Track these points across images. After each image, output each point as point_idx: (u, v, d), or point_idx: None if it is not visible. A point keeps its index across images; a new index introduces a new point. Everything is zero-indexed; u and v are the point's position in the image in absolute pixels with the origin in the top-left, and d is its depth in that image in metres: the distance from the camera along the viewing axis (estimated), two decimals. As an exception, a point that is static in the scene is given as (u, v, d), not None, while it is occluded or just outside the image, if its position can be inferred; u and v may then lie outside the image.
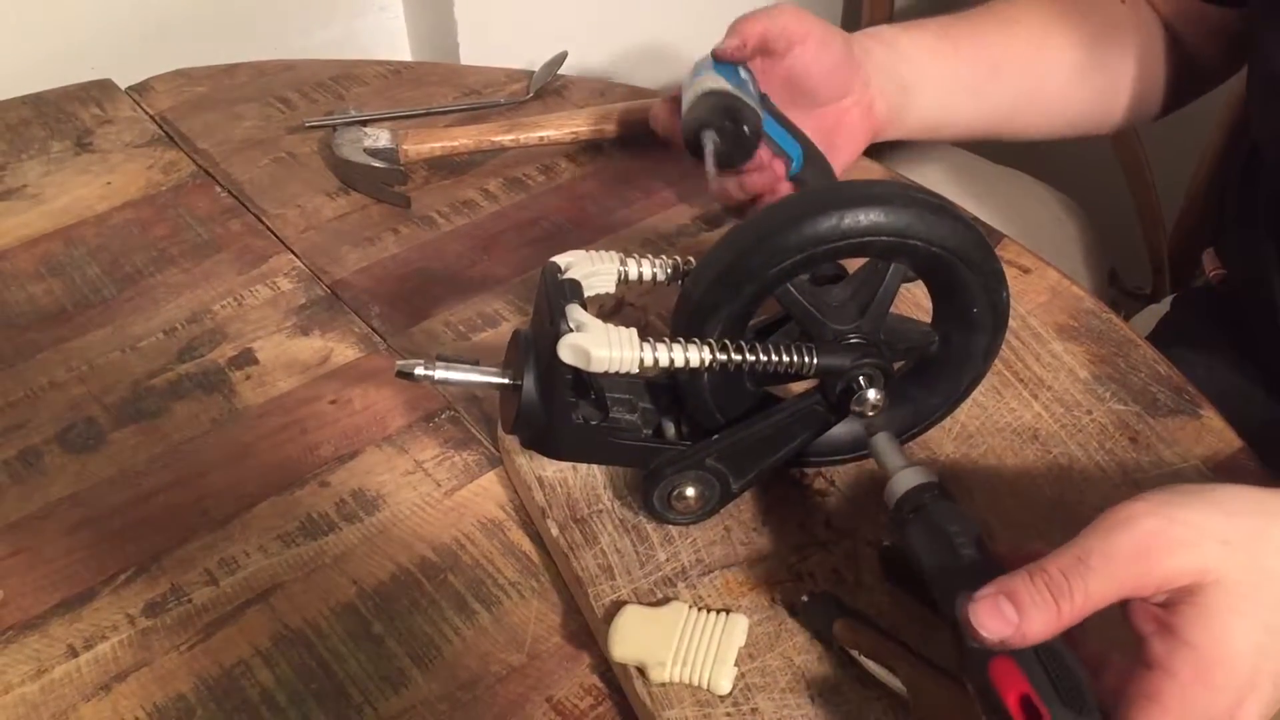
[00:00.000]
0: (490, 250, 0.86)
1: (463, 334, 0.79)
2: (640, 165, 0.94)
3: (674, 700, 0.56)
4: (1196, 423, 0.70)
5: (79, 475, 0.69)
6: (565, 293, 0.60)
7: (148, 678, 0.59)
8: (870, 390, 0.59)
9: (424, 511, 0.67)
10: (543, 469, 0.66)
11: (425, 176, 0.93)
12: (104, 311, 0.81)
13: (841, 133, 0.79)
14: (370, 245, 0.86)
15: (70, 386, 0.75)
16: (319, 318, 0.80)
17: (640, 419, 0.63)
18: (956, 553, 0.51)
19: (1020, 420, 0.70)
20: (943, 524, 0.53)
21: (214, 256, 0.85)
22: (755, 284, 0.57)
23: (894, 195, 0.57)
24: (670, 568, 0.62)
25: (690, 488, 0.61)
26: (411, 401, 0.73)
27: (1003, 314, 0.62)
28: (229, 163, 0.95)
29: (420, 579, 0.63)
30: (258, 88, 1.04)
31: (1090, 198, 1.42)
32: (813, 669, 0.57)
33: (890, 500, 0.55)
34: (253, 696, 0.58)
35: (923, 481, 0.55)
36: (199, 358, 0.77)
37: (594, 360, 0.56)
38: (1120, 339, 0.76)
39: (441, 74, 1.06)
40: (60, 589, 0.63)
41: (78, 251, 0.86)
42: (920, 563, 0.53)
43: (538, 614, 0.62)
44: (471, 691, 0.58)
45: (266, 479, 0.69)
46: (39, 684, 0.59)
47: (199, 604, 0.62)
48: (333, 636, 0.61)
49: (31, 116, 1.00)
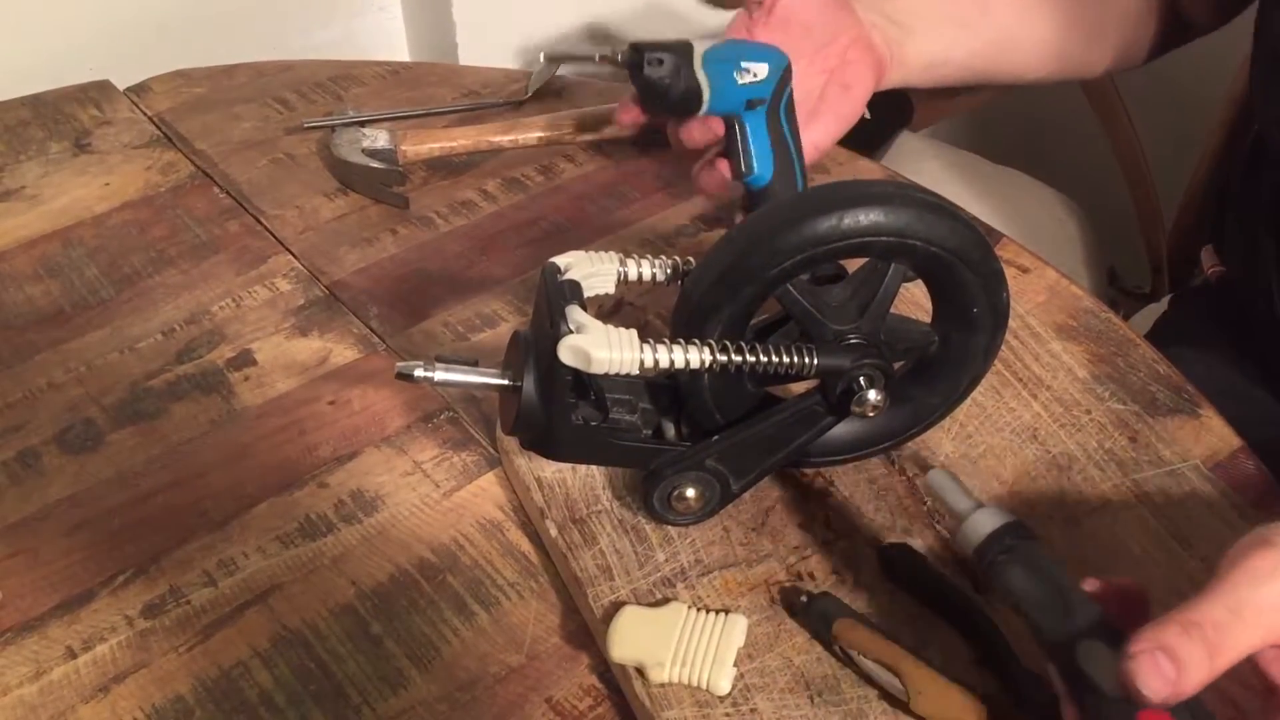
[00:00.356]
0: (489, 251, 0.86)
1: (461, 334, 0.79)
2: (639, 166, 0.94)
3: (673, 701, 0.56)
4: (1196, 422, 0.70)
5: (77, 476, 0.69)
6: (565, 293, 0.59)
7: (146, 679, 0.59)
8: (871, 391, 0.59)
9: (423, 512, 0.67)
10: (541, 470, 0.66)
11: (424, 177, 0.93)
12: (102, 313, 0.81)
13: (848, 71, 0.80)
14: (369, 246, 0.86)
15: (69, 388, 0.75)
16: (317, 318, 0.80)
17: (640, 420, 0.63)
18: (1066, 595, 0.48)
19: (1019, 420, 0.70)
20: (1043, 565, 0.50)
21: (212, 257, 0.85)
22: (755, 284, 0.57)
23: (893, 195, 0.57)
24: (669, 568, 0.62)
25: (690, 488, 0.61)
26: (410, 402, 0.73)
27: (1002, 314, 0.62)
28: (227, 163, 0.94)
29: (419, 580, 0.63)
30: (256, 88, 1.04)
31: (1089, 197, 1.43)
32: (812, 669, 0.57)
33: (967, 546, 0.52)
34: (251, 697, 0.58)
35: (1006, 522, 0.52)
36: (197, 359, 0.77)
37: (594, 361, 0.56)
38: (1119, 338, 0.76)
39: (440, 74, 1.06)
40: (59, 590, 0.63)
41: (76, 253, 0.86)
42: (1022, 607, 0.50)
43: (536, 614, 0.62)
44: (470, 692, 0.58)
45: (265, 480, 0.69)
46: (37, 685, 0.59)
47: (198, 605, 0.62)
48: (331, 637, 0.61)
49: (30, 117, 1.00)
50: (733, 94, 0.74)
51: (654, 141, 0.90)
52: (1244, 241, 0.88)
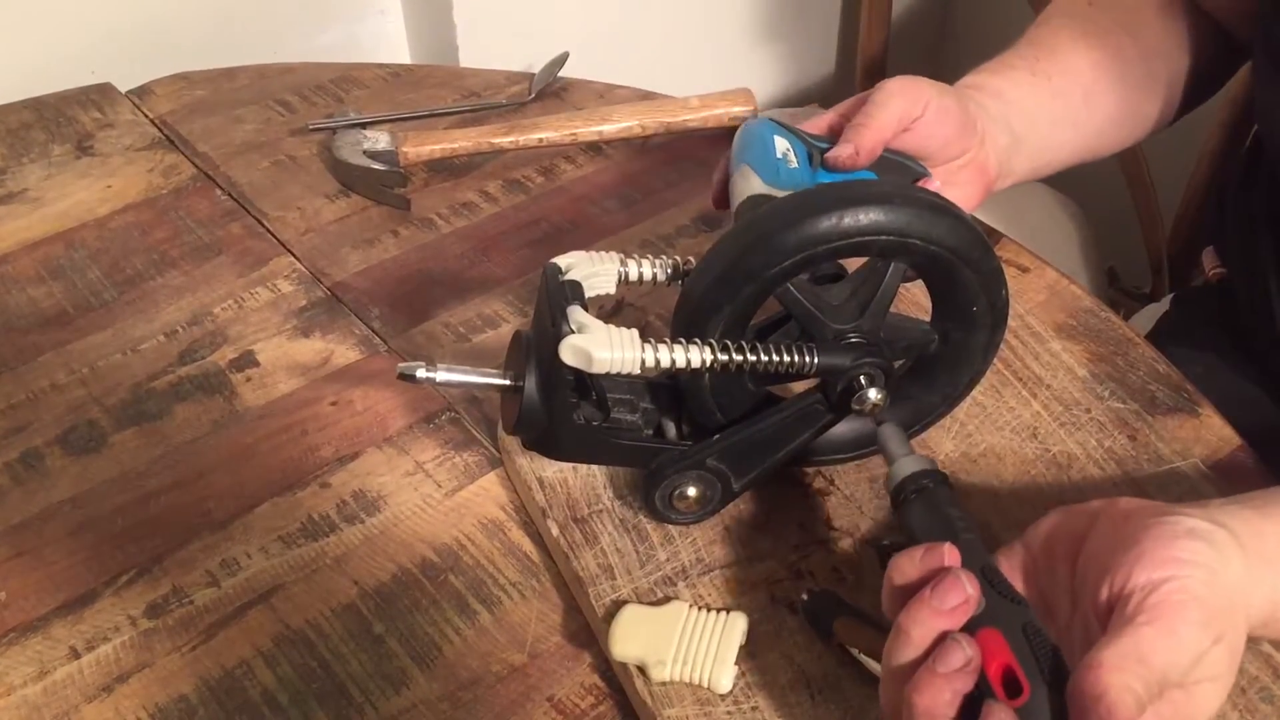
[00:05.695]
0: (490, 252, 0.86)
1: (463, 335, 0.79)
2: (640, 166, 0.94)
3: (674, 699, 0.56)
4: (1195, 421, 0.70)
5: (80, 477, 0.70)
6: (566, 294, 0.60)
7: (149, 679, 0.59)
8: (871, 389, 0.59)
9: (425, 512, 0.67)
10: (543, 469, 0.66)
11: (425, 179, 0.93)
12: (105, 314, 0.81)
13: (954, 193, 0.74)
14: (370, 247, 0.86)
15: (71, 389, 0.75)
16: (319, 320, 0.80)
17: (641, 419, 0.63)
18: (956, 536, 0.51)
19: (1019, 419, 0.70)
20: (942, 506, 0.53)
21: (214, 259, 0.86)
22: (755, 284, 0.57)
23: (893, 194, 0.57)
24: (670, 567, 0.62)
25: (691, 487, 0.61)
26: (412, 403, 0.73)
27: (1002, 313, 0.62)
28: (229, 166, 0.95)
29: (421, 579, 0.64)
30: (257, 91, 1.04)
31: (1089, 197, 1.43)
32: (812, 667, 0.57)
33: (891, 485, 0.55)
34: (254, 697, 0.58)
35: (925, 468, 0.55)
36: (200, 360, 0.77)
37: (596, 361, 0.56)
38: (1119, 337, 0.76)
39: (441, 76, 1.07)
40: (62, 591, 0.63)
41: (78, 255, 0.86)
42: (916, 537, 0.52)
43: (538, 614, 0.62)
44: (472, 691, 0.59)
45: (267, 480, 0.69)
46: (41, 685, 0.59)
47: (200, 605, 0.62)
48: (334, 637, 0.61)
49: (32, 120, 1.00)
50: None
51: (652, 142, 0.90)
52: (1243, 243, 0.88)
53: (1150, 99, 0.84)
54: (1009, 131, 0.76)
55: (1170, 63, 0.84)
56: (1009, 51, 0.81)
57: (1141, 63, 0.83)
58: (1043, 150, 0.80)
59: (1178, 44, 0.84)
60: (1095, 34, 0.82)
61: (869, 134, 0.67)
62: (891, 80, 0.69)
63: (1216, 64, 0.87)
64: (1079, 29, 0.83)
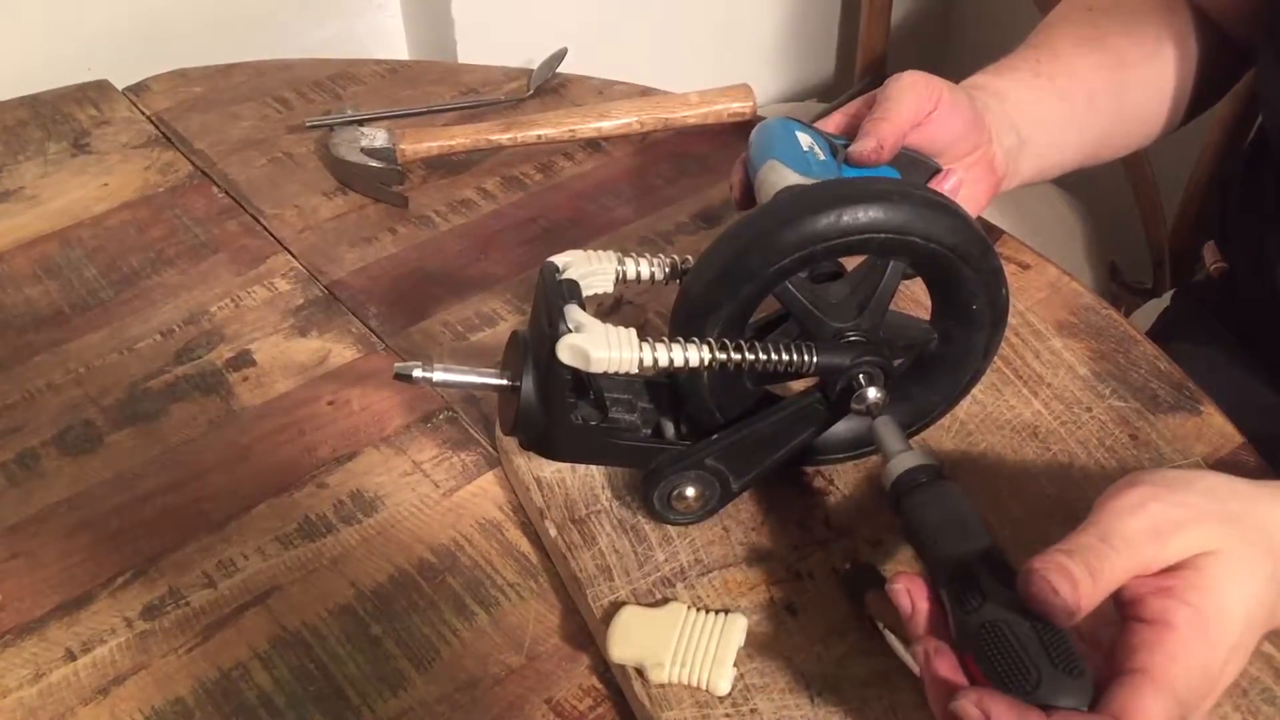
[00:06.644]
0: (488, 250, 0.86)
1: (461, 334, 0.79)
2: (638, 163, 0.94)
3: (673, 701, 0.56)
4: (1197, 419, 0.70)
5: (76, 478, 0.69)
6: (563, 293, 0.59)
7: (146, 681, 0.59)
8: (870, 388, 0.59)
9: (422, 512, 0.67)
10: (541, 470, 0.66)
11: (423, 176, 0.93)
12: (101, 313, 0.81)
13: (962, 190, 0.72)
14: (368, 245, 0.86)
15: (67, 389, 0.75)
16: (316, 318, 0.80)
17: (639, 419, 0.63)
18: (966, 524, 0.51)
19: (1020, 417, 0.70)
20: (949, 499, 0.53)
21: (211, 257, 0.85)
22: (754, 282, 0.57)
23: (893, 192, 0.56)
24: (669, 568, 0.62)
25: (690, 488, 0.61)
26: (409, 402, 0.73)
27: (1002, 310, 0.62)
28: (226, 163, 0.94)
29: (418, 580, 0.63)
30: (255, 88, 1.03)
31: (1090, 192, 1.42)
32: (812, 669, 0.57)
33: (888, 481, 0.55)
34: (251, 699, 0.58)
35: (923, 463, 0.54)
36: (196, 359, 0.77)
37: (593, 361, 0.56)
38: (1120, 335, 0.75)
39: (439, 73, 1.06)
40: (58, 592, 0.63)
41: (74, 253, 0.86)
42: (922, 533, 0.52)
43: (536, 615, 0.62)
44: (470, 693, 0.58)
45: (264, 481, 0.69)
46: (37, 688, 0.59)
47: (197, 606, 0.62)
48: (331, 638, 0.61)
49: (28, 118, 1.00)
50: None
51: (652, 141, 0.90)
52: (1246, 237, 0.88)
53: (1154, 103, 0.84)
54: (1014, 132, 0.76)
55: (1173, 67, 0.84)
56: (1011, 55, 0.81)
57: (1145, 67, 0.83)
58: (1048, 152, 0.79)
59: (1181, 49, 0.84)
60: (1098, 38, 0.82)
61: (889, 127, 0.66)
62: (904, 74, 0.69)
63: (1220, 69, 0.87)
64: (1081, 33, 0.82)
